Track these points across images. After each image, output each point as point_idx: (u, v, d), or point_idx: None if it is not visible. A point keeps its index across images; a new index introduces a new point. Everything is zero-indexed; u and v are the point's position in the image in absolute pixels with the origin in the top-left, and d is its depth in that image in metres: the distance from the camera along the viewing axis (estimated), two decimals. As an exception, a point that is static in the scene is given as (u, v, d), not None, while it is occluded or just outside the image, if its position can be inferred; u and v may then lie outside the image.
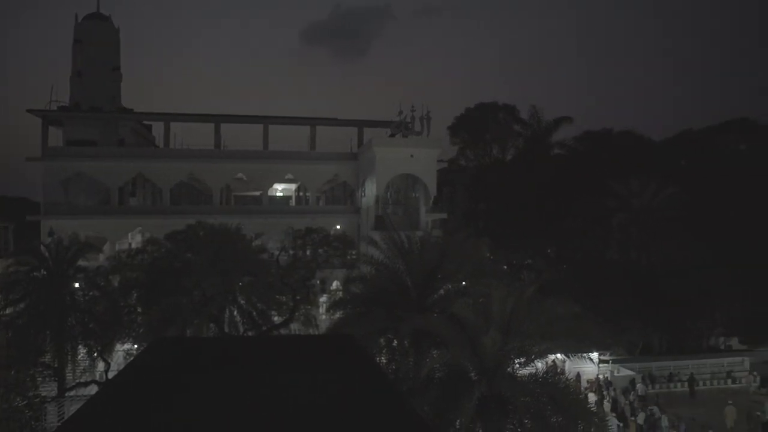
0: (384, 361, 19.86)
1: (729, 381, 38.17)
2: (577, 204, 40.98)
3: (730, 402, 29.71)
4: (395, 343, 20.15)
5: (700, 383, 37.17)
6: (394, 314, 19.02)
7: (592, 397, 31.61)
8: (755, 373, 37.46)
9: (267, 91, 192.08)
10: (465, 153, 52.46)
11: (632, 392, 34.35)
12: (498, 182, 46.58)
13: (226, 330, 24.40)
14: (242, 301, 25.03)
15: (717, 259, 37.49)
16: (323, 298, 33.53)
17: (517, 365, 16.55)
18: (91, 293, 26.08)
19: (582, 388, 32.77)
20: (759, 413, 29.68)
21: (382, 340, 20.40)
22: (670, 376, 37.82)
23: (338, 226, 42.70)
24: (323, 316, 30.27)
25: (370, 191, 41.13)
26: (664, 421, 28.07)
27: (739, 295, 37.14)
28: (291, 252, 30.08)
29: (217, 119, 45.19)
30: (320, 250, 29.85)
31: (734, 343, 43.58)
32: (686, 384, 36.79)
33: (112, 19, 47.28)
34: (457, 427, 15.40)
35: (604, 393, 34.03)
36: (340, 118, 47.47)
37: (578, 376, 34.08)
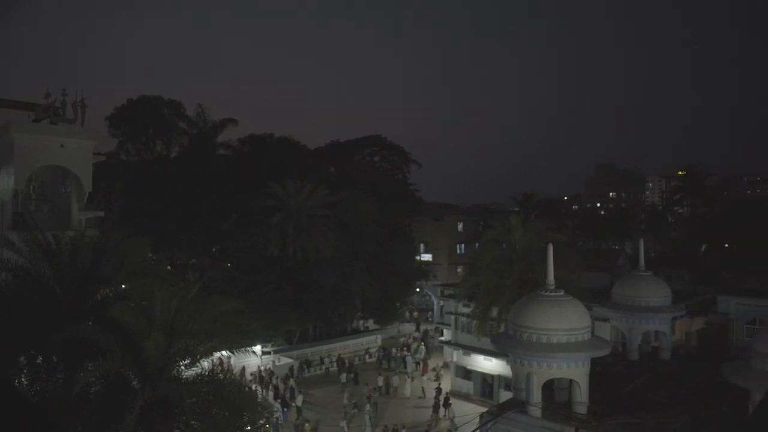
0: (25, 382, 17.39)
1: (367, 357, 45.10)
2: (240, 203, 42.41)
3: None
4: (40, 359, 17.82)
5: (347, 362, 42.89)
6: (40, 327, 16.85)
7: (257, 389, 33.35)
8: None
9: None
10: (126, 147, 48.70)
11: (291, 378, 37.41)
12: (162, 179, 44.73)
13: None
14: None
15: (354, 252, 43.63)
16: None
17: (183, 367, 16.53)
18: None
19: (247, 381, 34.21)
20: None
21: (23, 358, 17.81)
22: (322, 360, 42.45)
23: (-42, 226, 35.07)
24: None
25: (6, 184, 34.78)
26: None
27: (370, 282, 43.94)
28: None
29: None
30: (-69, 257, 24.02)
31: (371, 324, 51.23)
32: (336, 364, 41.97)
33: None
34: (119, 440, 14.62)
35: (267, 382, 36.23)
36: (-37, 93, 39.23)
37: (243, 369, 35.47)
